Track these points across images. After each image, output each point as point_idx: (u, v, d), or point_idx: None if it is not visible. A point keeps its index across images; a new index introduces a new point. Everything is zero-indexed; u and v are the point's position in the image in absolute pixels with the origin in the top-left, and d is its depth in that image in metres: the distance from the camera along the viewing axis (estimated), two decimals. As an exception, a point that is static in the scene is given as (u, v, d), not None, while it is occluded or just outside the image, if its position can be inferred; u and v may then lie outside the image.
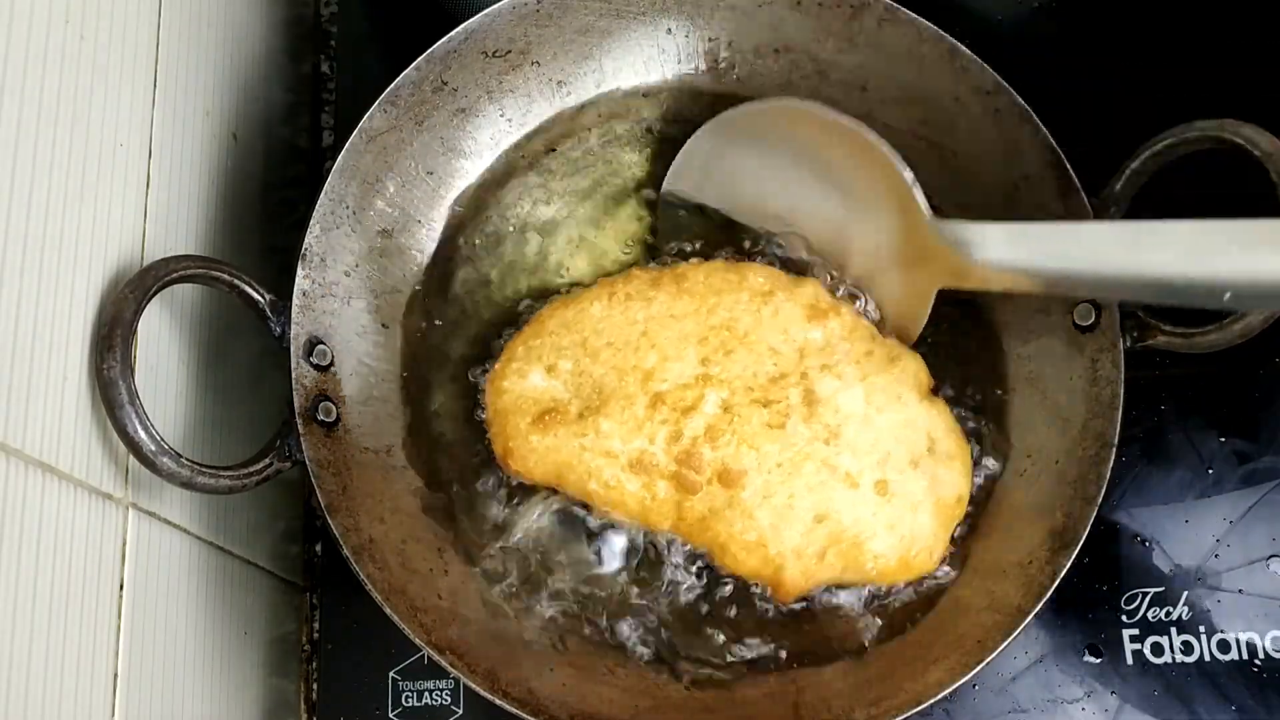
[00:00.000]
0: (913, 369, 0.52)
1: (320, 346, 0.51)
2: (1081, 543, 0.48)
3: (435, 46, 0.54)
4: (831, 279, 0.55)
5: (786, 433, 0.50)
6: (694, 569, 0.52)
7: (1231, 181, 0.49)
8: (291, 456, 0.48)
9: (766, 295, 0.52)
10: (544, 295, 0.58)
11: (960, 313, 0.56)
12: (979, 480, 0.53)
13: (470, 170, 0.58)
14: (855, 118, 0.52)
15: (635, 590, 0.52)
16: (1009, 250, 0.48)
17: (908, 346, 0.53)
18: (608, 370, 0.51)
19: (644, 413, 0.50)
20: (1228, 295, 0.41)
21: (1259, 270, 0.40)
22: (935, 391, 0.53)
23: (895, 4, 0.55)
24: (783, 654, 0.51)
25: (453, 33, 0.55)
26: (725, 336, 0.51)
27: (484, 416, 0.54)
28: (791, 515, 0.49)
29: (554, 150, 0.60)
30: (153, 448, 0.43)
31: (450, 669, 0.46)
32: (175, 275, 0.46)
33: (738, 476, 0.50)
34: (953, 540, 0.52)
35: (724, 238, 0.57)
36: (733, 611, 0.52)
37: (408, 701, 0.55)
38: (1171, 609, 0.56)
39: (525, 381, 0.52)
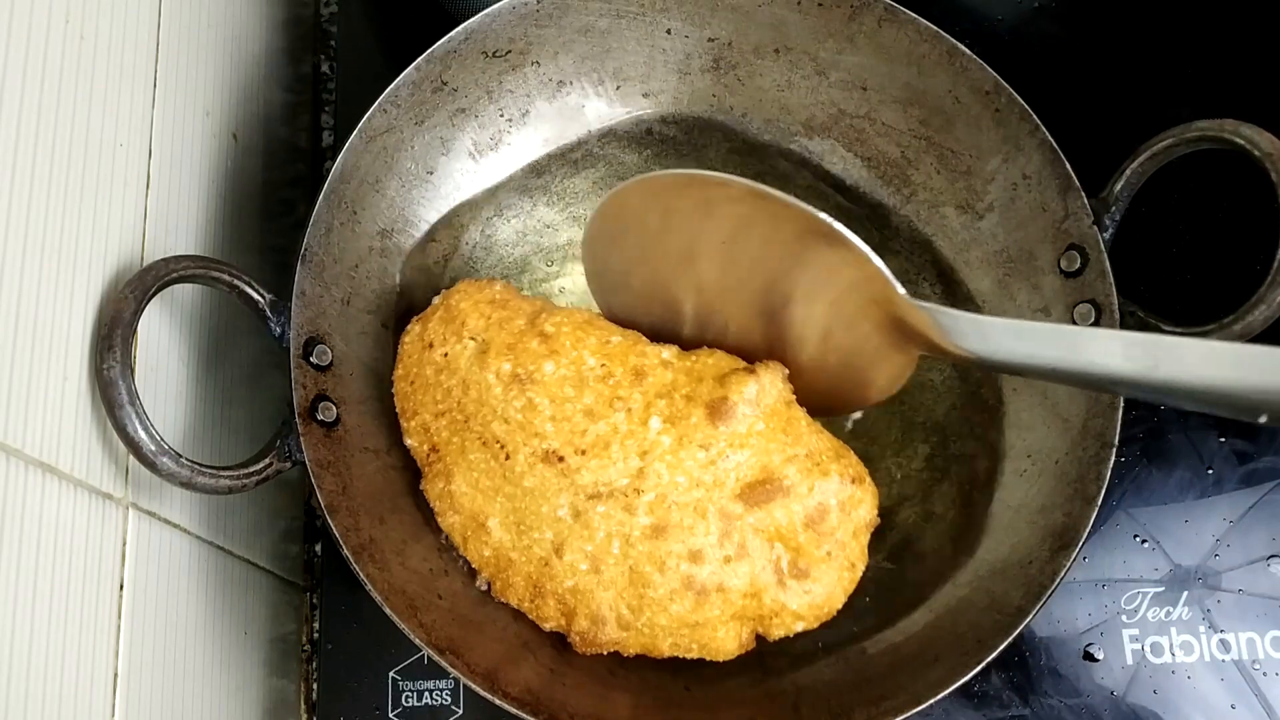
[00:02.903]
0: None
1: (320, 346, 0.51)
2: (1081, 543, 0.48)
3: (435, 46, 0.54)
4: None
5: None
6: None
7: (1231, 182, 0.49)
8: (291, 456, 0.48)
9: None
10: (545, 296, 0.58)
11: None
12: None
13: (470, 170, 0.58)
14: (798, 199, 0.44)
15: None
16: (996, 344, 0.41)
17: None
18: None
19: None
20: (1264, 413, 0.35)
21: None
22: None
23: (895, 4, 0.55)
24: (782, 653, 0.51)
25: (453, 33, 0.55)
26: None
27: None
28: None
29: (553, 151, 0.60)
30: (153, 448, 0.43)
31: (450, 669, 0.46)
32: (175, 275, 0.46)
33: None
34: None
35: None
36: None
37: (408, 701, 0.55)
38: (1171, 609, 0.56)
39: None
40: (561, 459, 0.47)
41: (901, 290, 0.43)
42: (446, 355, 0.51)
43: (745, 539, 0.47)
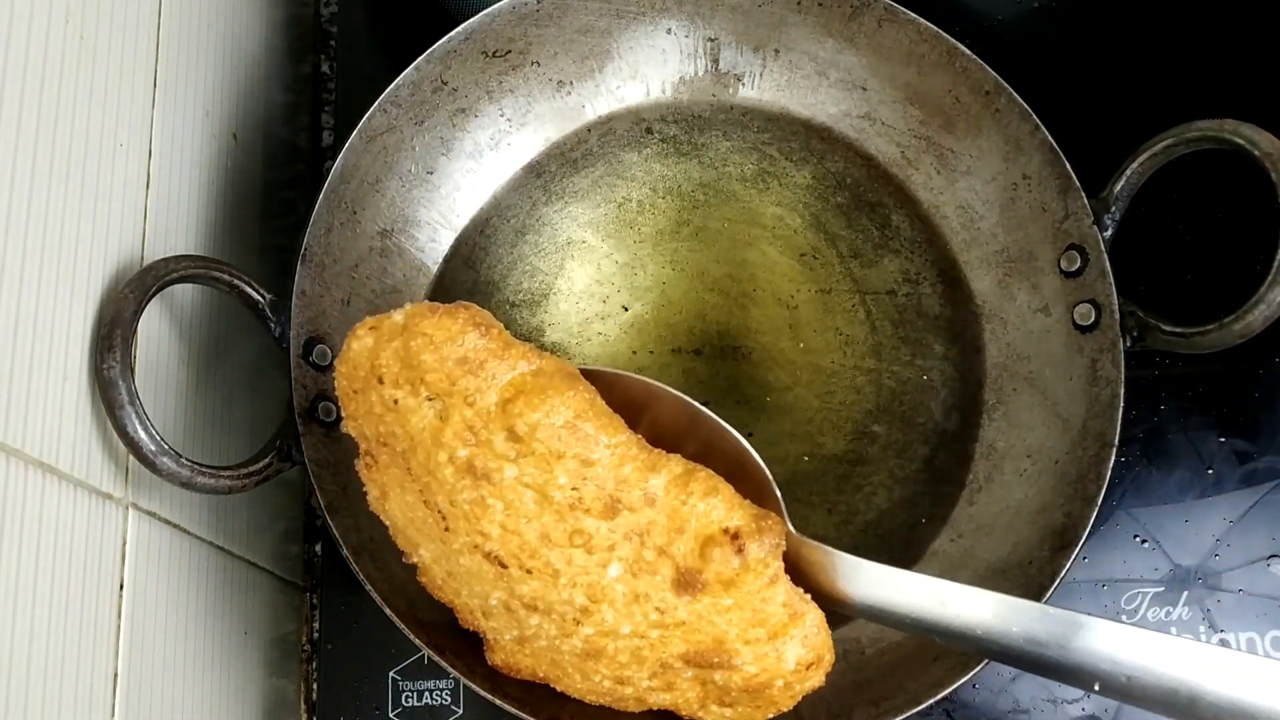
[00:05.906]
0: None
1: (320, 346, 0.51)
2: (1081, 543, 0.48)
3: (435, 46, 0.54)
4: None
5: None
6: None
7: (1231, 182, 0.49)
8: (291, 457, 0.48)
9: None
10: (544, 295, 0.58)
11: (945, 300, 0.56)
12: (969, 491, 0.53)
13: (470, 170, 0.58)
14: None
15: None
16: (869, 589, 0.42)
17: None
18: None
19: None
20: (1097, 686, 0.39)
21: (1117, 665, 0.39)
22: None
23: (895, 4, 0.55)
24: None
25: (453, 33, 0.55)
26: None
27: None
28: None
29: (553, 151, 0.60)
30: (153, 448, 0.43)
31: (450, 669, 0.46)
32: (175, 275, 0.46)
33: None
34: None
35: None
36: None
37: (408, 701, 0.55)
38: (1171, 609, 0.56)
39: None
40: (504, 565, 0.42)
41: (790, 525, 0.44)
42: (397, 402, 0.42)
43: (677, 680, 0.44)
